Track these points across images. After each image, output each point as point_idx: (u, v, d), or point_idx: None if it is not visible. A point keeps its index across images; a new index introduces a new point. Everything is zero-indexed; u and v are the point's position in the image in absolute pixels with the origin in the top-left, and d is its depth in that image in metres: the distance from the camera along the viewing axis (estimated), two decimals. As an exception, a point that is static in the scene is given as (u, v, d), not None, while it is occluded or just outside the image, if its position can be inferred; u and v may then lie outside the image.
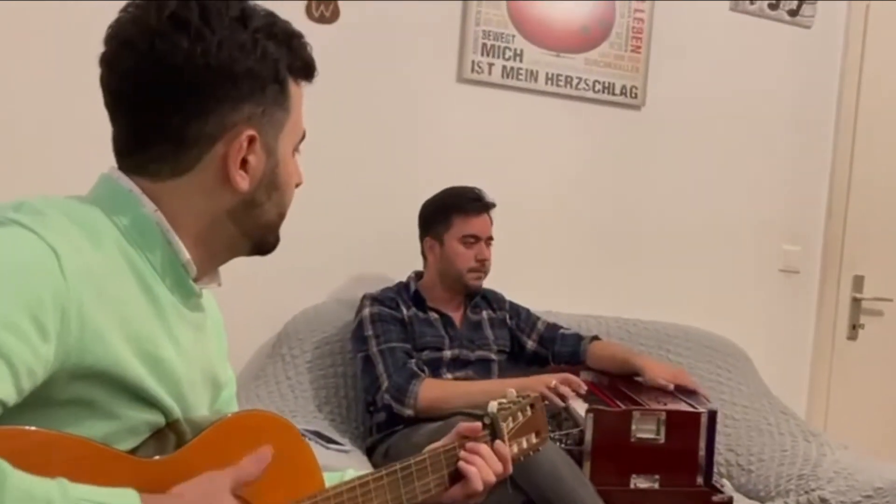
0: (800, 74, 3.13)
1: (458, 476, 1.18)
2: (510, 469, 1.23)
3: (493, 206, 2.44)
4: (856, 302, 3.19)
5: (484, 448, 1.20)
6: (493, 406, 1.26)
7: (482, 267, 2.40)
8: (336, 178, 2.56)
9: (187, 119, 0.94)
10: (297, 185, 1.06)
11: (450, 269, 2.40)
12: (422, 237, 2.47)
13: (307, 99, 1.04)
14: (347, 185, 2.62)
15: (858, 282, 3.20)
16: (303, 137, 1.05)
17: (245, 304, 1.93)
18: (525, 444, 1.30)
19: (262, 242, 1.05)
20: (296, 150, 1.04)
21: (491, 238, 2.44)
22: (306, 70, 1.02)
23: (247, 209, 0.99)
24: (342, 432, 2.33)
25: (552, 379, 2.22)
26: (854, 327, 3.20)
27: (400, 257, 2.60)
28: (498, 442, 1.23)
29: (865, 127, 3.16)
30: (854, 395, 3.19)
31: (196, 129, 0.94)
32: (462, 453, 1.19)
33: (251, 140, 0.96)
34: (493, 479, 1.19)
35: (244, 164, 0.96)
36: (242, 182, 0.96)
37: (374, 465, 2.16)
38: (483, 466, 1.18)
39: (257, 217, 1.00)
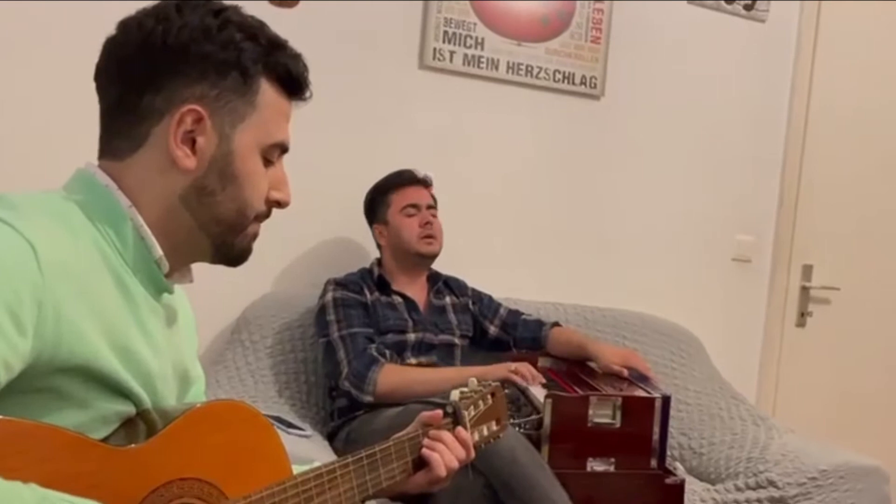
0: (754, 68, 3.19)
1: (421, 463, 1.21)
2: (472, 455, 1.26)
3: (427, 180, 2.50)
4: (805, 290, 3.28)
5: (446, 435, 1.23)
6: (454, 395, 1.29)
7: (429, 230, 2.43)
8: (297, 164, 2.52)
9: (142, 92, 0.97)
10: (278, 204, 1.06)
11: (401, 244, 2.43)
12: (371, 228, 2.50)
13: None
14: (308, 170, 2.58)
15: (807, 271, 3.28)
16: (282, 150, 1.05)
17: (203, 288, 1.91)
18: (486, 432, 1.34)
19: (223, 245, 1.02)
20: (268, 156, 1.03)
21: (433, 207, 2.48)
22: (287, 81, 1.02)
23: (199, 195, 0.99)
24: (302, 417, 2.33)
25: (511, 364, 2.26)
26: (802, 315, 3.28)
27: (361, 244, 2.61)
28: (459, 428, 1.26)
29: (816, 121, 3.23)
30: (801, 380, 3.28)
31: (148, 102, 0.96)
32: (425, 441, 1.22)
33: (198, 118, 0.96)
34: (455, 465, 1.22)
35: (191, 142, 0.97)
36: (186, 159, 0.97)
37: (335, 450, 2.17)
38: (446, 453, 1.21)
39: (210, 207, 0.99)
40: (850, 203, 3.30)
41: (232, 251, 1.04)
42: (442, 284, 2.54)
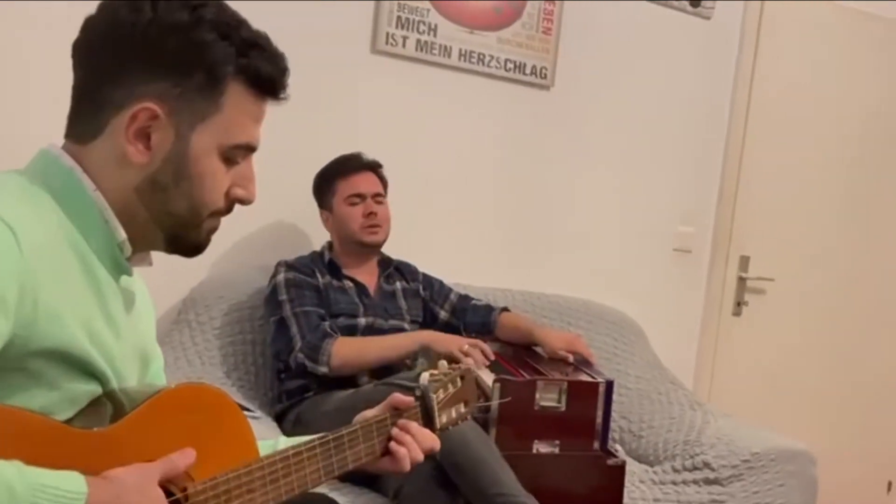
0: (699, 64, 3.26)
1: (388, 449, 1.21)
2: (438, 447, 1.26)
3: (374, 164, 2.49)
4: (741, 281, 3.37)
5: (414, 426, 1.23)
6: (424, 378, 1.30)
7: (372, 220, 2.41)
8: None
9: (103, 80, 0.96)
10: (241, 201, 1.05)
11: (344, 233, 2.43)
12: (320, 213, 2.50)
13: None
14: (258, 152, 2.58)
15: (744, 262, 3.38)
16: (248, 150, 1.04)
17: (148, 267, 1.88)
18: (454, 414, 1.35)
19: (176, 238, 1.03)
20: (230, 156, 1.02)
21: (380, 195, 2.46)
22: (258, 82, 1.01)
23: (153, 190, 0.98)
24: (251, 399, 2.33)
25: (464, 342, 2.28)
26: (739, 304, 3.38)
27: (310, 227, 2.61)
28: (427, 430, 1.26)
29: (756, 117, 3.32)
30: (736, 367, 3.39)
31: (108, 93, 0.96)
32: (394, 431, 1.22)
33: (153, 116, 0.95)
34: (421, 458, 1.22)
35: (146, 138, 0.96)
36: (139, 155, 0.96)
37: (284, 432, 2.18)
38: (413, 446, 1.21)
39: (164, 202, 0.99)
40: (785, 198, 3.41)
41: (185, 244, 1.04)
42: (393, 269, 2.55)
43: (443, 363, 1.37)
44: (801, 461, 2.42)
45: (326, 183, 2.47)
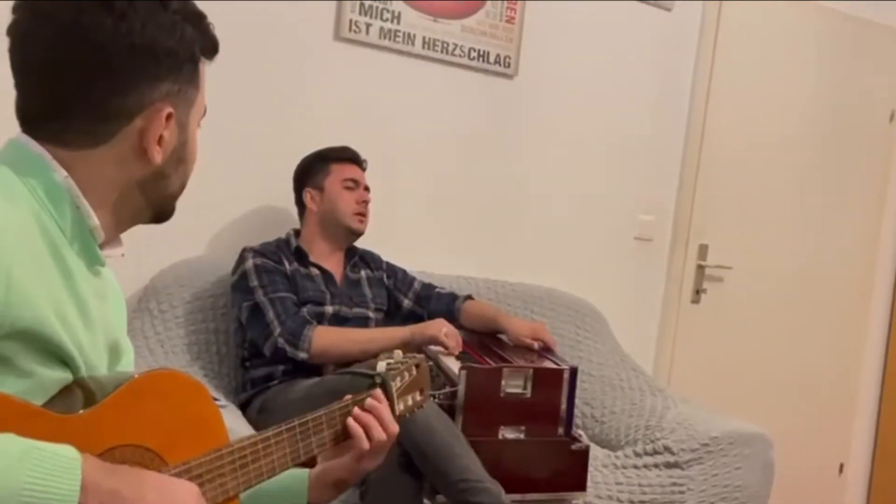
0: (660, 55, 3.29)
1: (348, 434, 1.22)
2: (397, 430, 1.26)
3: (365, 162, 2.54)
4: (700, 269, 3.43)
5: (379, 406, 1.24)
6: (381, 367, 1.33)
7: (364, 209, 2.47)
8: (210, 134, 2.49)
9: (109, 94, 0.96)
10: None
11: (333, 214, 2.43)
12: (300, 191, 2.48)
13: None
14: (221, 140, 2.56)
15: (703, 250, 3.43)
16: (203, 113, 1.09)
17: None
18: (410, 402, 1.38)
19: (162, 212, 1.09)
20: (198, 125, 1.08)
21: (368, 189, 2.51)
22: (213, 50, 1.06)
23: (156, 181, 1.03)
24: (215, 387, 2.32)
25: (445, 326, 2.30)
26: (698, 292, 3.44)
27: (273, 215, 2.59)
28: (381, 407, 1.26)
29: (716, 107, 3.37)
30: (695, 353, 3.45)
31: (117, 104, 0.97)
32: (354, 411, 1.23)
33: (169, 117, 0.99)
34: (384, 436, 1.22)
35: (160, 138, 1.00)
36: (158, 156, 1.00)
37: (249, 420, 2.17)
38: (372, 423, 1.21)
39: (164, 188, 1.04)
40: (743, 188, 3.47)
41: (166, 215, 1.10)
42: (358, 258, 2.55)
43: (398, 352, 1.38)
44: (758, 445, 2.48)
45: (321, 162, 2.48)
